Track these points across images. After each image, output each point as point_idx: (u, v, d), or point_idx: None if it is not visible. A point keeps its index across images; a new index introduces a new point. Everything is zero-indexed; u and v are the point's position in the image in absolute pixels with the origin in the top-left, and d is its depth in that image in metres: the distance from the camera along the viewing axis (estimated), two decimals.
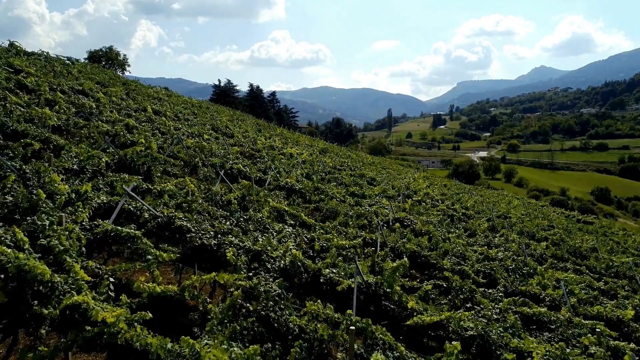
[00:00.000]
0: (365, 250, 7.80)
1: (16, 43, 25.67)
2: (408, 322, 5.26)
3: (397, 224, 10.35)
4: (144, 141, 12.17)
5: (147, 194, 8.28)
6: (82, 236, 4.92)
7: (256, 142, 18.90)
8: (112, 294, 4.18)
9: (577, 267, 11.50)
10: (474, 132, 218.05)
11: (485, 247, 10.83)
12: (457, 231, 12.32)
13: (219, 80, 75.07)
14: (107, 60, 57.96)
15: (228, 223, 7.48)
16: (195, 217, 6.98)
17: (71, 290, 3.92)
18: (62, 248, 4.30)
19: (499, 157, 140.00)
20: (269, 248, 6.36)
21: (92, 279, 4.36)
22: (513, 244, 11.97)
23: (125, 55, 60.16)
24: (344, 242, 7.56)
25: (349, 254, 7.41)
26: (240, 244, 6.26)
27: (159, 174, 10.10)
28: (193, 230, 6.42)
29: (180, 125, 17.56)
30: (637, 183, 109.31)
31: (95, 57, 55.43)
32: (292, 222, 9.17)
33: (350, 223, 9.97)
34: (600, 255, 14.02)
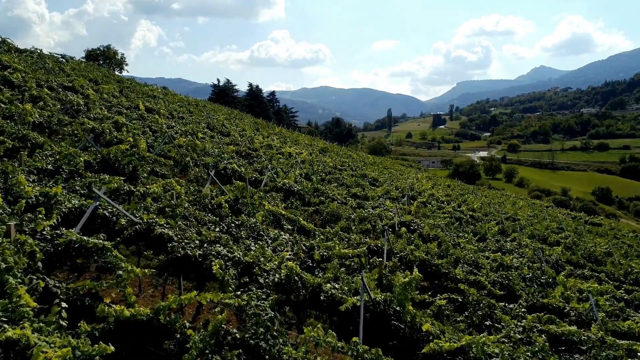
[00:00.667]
0: (371, 260, 7.02)
1: (8, 40, 24.95)
2: (424, 351, 4.47)
3: (404, 229, 9.57)
4: (131, 139, 11.41)
5: (129, 196, 7.50)
6: (38, 249, 4.14)
7: (253, 141, 18.11)
8: (65, 323, 3.41)
9: (596, 274, 10.73)
10: (474, 132, 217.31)
11: (499, 253, 10.05)
12: (467, 235, 11.54)
13: (218, 80, 74.36)
14: (104, 59, 57.19)
15: (217, 229, 6.70)
16: (179, 223, 6.20)
17: (11, 319, 3.15)
18: (3, 266, 3.52)
19: (499, 157, 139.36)
20: (261, 259, 5.58)
21: (41, 306, 3.57)
22: (527, 250, 11.19)
23: (122, 54, 59.32)
24: (346, 251, 6.77)
25: (353, 264, 6.63)
26: (229, 254, 5.48)
27: (145, 175, 9.31)
28: (175, 238, 5.64)
29: (173, 123, 16.77)
30: (638, 183, 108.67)
31: (92, 56, 54.62)
32: (290, 227, 8.39)
33: (353, 228, 9.19)
34: (616, 260, 13.26)
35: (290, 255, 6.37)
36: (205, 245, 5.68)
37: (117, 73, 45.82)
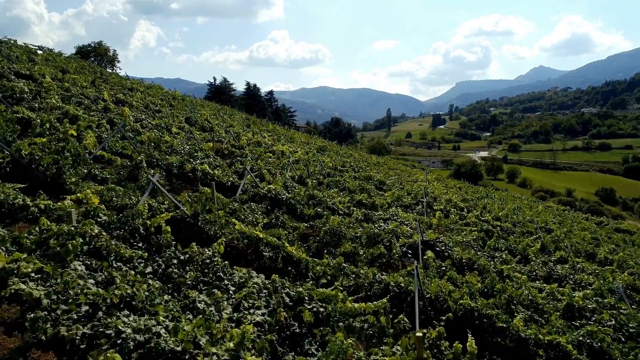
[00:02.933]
0: (395, 321, 4.44)
1: None
2: None
3: (430, 253, 7.00)
4: (74, 133, 8.86)
5: (20, 215, 4.92)
6: None
7: (239, 138, 15.51)
8: None
9: None
10: (474, 132, 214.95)
11: (556, 284, 7.48)
12: (504, 256, 8.97)
13: (214, 78, 72.41)
14: (95, 55, 54.56)
15: (149, 270, 4.14)
16: (75, 265, 3.62)
17: None
18: None
19: (500, 157, 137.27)
20: (202, 341, 3.00)
21: None
22: (584, 275, 8.62)
23: (114, 50, 56.72)
24: (356, 306, 4.19)
25: (366, 327, 4.06)
26: (138, 336, 2.90)
27: (73, 180, 6.73)
28: (44, 302, 3.06)
29: (143, 117, 14.17)
30: None
31: (83, 52, 51.94)
32: (272, 255, 5.81)
33: (361, 253, 6.61)
34: None
35: (262, 316, 3.79)
36: (101, 314, 3.09)
37: (109, 70, 43.08)
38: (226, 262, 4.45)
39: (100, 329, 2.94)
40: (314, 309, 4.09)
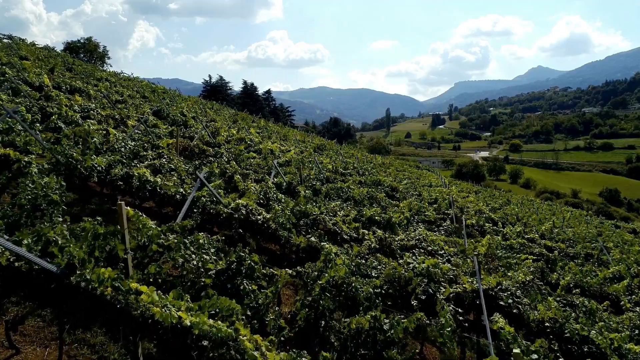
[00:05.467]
0: None
1: None
2: None
3: (501, 320, 4.08)
4: None
5: None
6: None
7: (218, 133, 12.53)
8: None
9: None
10: (474, 131, 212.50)
11: None
12: (587, 302, 6.06)
13: (210, 77, 70.18)
14: (85, 52, 52.04)
15: None
16: None
17: None
18: None
19: (502, 157, 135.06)
20: None
21: None
22: None
23: (105, 47, 54.25)
24: None
25: None
26: None
27: None
28: None
29: (93, 106, 11.20)
30: None
31: (72, 49, 49.33)
32: (215, 356, 2.89)
33: (387, 326, 3.66)
34: None
35: None
36: None
37: (100, 67, 40.20)
38: None
39: None
40: None
